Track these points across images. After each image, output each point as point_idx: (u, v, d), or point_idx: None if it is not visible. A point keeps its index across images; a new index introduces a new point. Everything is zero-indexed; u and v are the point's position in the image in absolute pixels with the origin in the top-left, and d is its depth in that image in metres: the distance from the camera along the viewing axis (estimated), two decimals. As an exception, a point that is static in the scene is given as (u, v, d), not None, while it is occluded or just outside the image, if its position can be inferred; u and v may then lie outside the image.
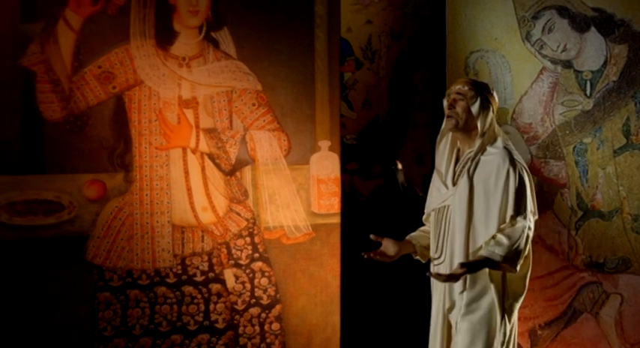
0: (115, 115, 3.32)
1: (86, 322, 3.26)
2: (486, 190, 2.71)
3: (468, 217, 2.72)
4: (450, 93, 2.84)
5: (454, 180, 2.81)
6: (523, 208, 2.69)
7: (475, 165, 2.75)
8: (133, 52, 3.33)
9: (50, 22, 3.22)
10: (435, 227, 2.85)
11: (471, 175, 2.75)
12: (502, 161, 2.71)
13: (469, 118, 2.77)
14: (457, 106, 2.78)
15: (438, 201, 2.85)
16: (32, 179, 3.19)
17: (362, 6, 4.45)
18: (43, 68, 3.20)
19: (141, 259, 3.34)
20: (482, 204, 2.71)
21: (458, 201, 2.75)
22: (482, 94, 2.81)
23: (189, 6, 3.39)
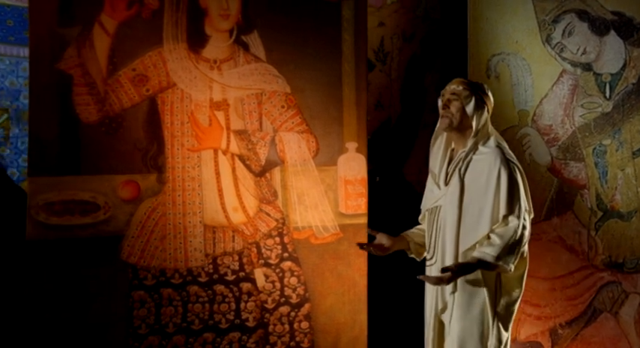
0: (148, 117, 3.51)
1: (121, 320, 3.45)
2: (478, 189, 2.76)
3: (459, 218, 2.77)
4: (444, 93, 2.90)
5: (446, 180, 2.88)
6: (516, 207, 2.72)
7: (467, 165, 2.81)
8: (165, 55, 3.53)
9: (86, 26, 3.41)
10: (428, 228, 2.92)
11: (462, 175, 2.81)
12: (493, 160, 2.76)
13: (464, 118, 2.83)
14: (451, 106, 2.85)
15: (431, 201, 2.92)
16: (69, 180, 3.38)
17: (374, 8, 4.65)
18: (79, 71, 3.40)
19: (174, 259, 3.54)
20: (474, 204, 2.76)
21: (449, 201, 2.81)
22: (477, 94, 2.87)
23: (220, 10, 3.59)
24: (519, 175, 2.79)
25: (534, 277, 4.05)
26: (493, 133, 2.90)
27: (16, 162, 4.70)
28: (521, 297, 2.91)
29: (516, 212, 2.72)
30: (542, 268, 4.09)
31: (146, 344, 3.46)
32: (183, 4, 3.52)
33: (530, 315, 4.13)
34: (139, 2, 3.46)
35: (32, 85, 3.34)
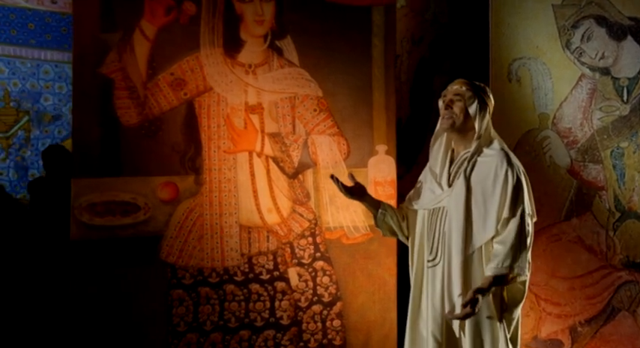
0: (186, 120, 3.74)
1: (161, 318, 3.66)
2: (484, 191, 2.81)
3: (466, 219, 2.82)
4: (446, 93, 2.96)
5: (449, 181, 2.92)
6: (519, 210, 2.80)
7: (472, 166, 2.86)
8: (202, 60, 3.76)
9: (127, 31, 3.63)
10: (429, 228, 2.95)
11: (467, 176, 2.85)
12: (500, 163, 2.83)
13: (466, 119, 2.90)
14: (454, 106, 2.90)
15: (433, 202, 2.95)
16: (110, 181, 3.60)
17: (384, 12, 4.89)
18: (120, 76, 3.62)
19: (211, 258, 3.76)
20: (480, 205, 2.82)
21: (454, 202, 2.86)
22: (480, 95, 2.94)
23: (255, 16, 3.83)
24: (524, 179, 2.87)
25: (555, 277, 4.31)
26: (495, 135, 2.98)
27: (36, 163, 4.92)
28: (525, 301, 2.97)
29: (518, 215, 2.80)
30: (562, 268, 4.34)
31: (185, 341, 3.68)
32: (219, 10, 3.74)
33: (550, 313, 4.38)
34: (177, 8, 3.68)
35: (75, 89, 3.55)
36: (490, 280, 2.76)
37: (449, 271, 2.85)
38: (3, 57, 5.04)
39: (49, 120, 4.99)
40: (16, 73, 4.95)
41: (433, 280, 2.92)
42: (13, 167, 4.77)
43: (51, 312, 3.69)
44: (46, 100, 5.01)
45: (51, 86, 5.12)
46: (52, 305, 3.71)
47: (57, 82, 5.17)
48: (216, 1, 3.72)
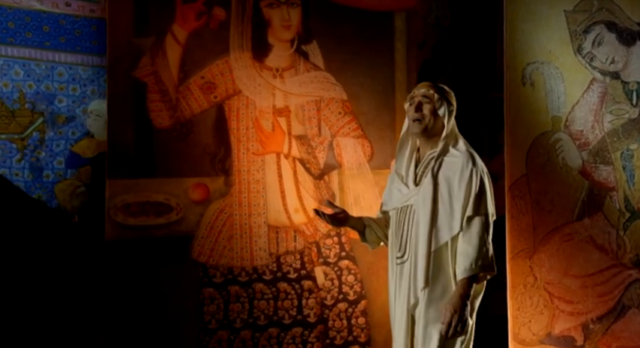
0: (216, 122, 3.94)
1: (193, 315, 3.86)
2: (450, 189, 2.94)
3: (432, 216, 2.93)
4: (414, 96, 3.07)
5: (416, 180, 3.04)
6: (482, 210, 2.92)
7: (439, 165, 2.98)
8: (232, 64, 3.96)
9: (160, 36, 3.82)
10: (398, 226, 3.06)
11: (435, 175, 2.97)
12: (466, 163, 2.95)
13: (435, 120, 3.02)
14: (424, 108, 3.02)
15: (400, 201, 3.07)
16: (144, 182, 3.78)
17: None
18: (153, 79, 3.81)
19: (240, 258, 3.97)
20: (446, 202, 2.93)
21: (422, 199, 2.97)
22: (446, 98, 3.07)
23: (282, 21, 4.04)
24: (487, 180, 2.98)
25: (567, 275, 4.54)
26: (460, 137, 3.08)
27: (51, 164, 5.06)
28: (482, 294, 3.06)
29: (480, 215, 2.91)
30: (574, 267, 4.56)
31: (216, 339, 3.88)
32: (248, 16, 3.95)
33: (563, 311, 4.61)
34: (208, 13, 3.89)
35: (110, 92, 3.74)
36: (467, 283, 2.88)
37: (415, 267, 2.97)
38: (19, 59, 5.16)
39: (63, 121, 5.09)
40: (31, 75, 5.05)
41: (401, 277, 3.05)
42: (28, 168, 4.88)
43: (87, 310, 3.86)
44: (60, 102, 5.11)
45: (65, 88, 5.23)
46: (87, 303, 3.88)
47: (71, 84, 5.29)
48: (245, 7, 3.92)
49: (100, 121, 4.81)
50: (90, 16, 4.81)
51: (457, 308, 2.86)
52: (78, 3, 5.01)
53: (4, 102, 5.05)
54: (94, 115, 4.70)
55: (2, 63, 5.06)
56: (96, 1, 4.79)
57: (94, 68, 4.82)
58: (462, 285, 2.88)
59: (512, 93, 4.35)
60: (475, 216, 2.92)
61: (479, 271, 2.88)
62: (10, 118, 5.01)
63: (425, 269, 2.93)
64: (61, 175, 4.36)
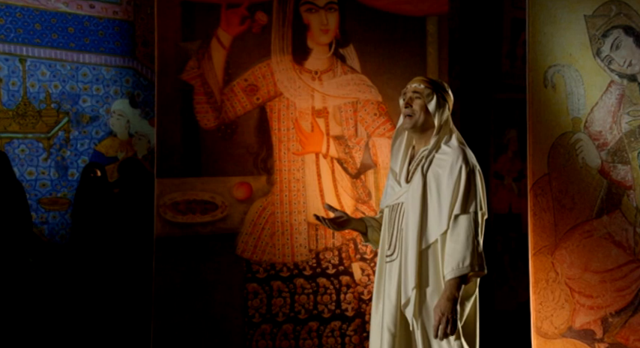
0: (258, 123, 4.22)
1: (238, 309, 4.16)
2: (439, 187, 2.94)
3: (421, 214, 2.95)
4: (406, 91, 3.09)
5: (408, 177, 3.06)
6: (471, 208, 2.91)
7: (429, 162, 2.99)
8: (273, 67, 4.25)
9: (205, 40, 4.09)
10: (389, 224, 3.09)
11: (424, 172, 2.98)
12: (456, 159, 2.94)
13: (426, 116, 3.02)
14: (414, 104, 3.03)
15: (392, 198, 3.10)
16: (191, 181, 4.06)
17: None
18: (199, 82, 4.09)
19: (282, 254, 4.26)
20: (435, 200, 2.94)
21: (411, 197, 2.99)
22: (439, 92, 3.06)
23: (320, 25, 4.33)
24: (478, 177, 2.97)
25: (587, 271, 4.85)
26: (454, 131, 3.08)
27: (75, 163, 5.32)
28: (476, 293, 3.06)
29: (469, 212, 2.91)
30: (593, 263, 4.87)
31: (259, 332, 4.17)
32: (288, 20, 4.24)
33: (583, 305, 4.92)
34: (251, 18, 4.18)
35: (159, 95, 4.01)
36: (456, 283, 2.85)
37: (405, 265, 2.97)
38: (45, 60, 5.42)
39: (87, 121, 5.35)
40: (56, 76, 5.29)
41: (390, 275, 3.05)
42: (53, 166, 5.11)
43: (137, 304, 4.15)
44: (84, 102, 5.37)
45: (89, 88, 5.49)
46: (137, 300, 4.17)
47: (94, 84, 5.55)
48: (285, 12, 4.21)
49: (122, 121, 5.10)
50: (113, 18, 5.11)
51: (445, 311, 2.84)
52: (101, 5, 5.30)
53: (31, 102, 5.30)
54: (116, 114, 5.00)
55: (29, 64, 5.32)
56: (118, 3, 5.09)
57: (117, 69, 5.11)
58: (449, 286, 2.87)
59: (534, 95, 4.62)
60: (462, 214, 2.91)
61: (467, 271, 2.85)
62: (37, 118, 5.26)
63: (415, 268, 2.94)
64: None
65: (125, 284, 4.20)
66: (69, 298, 4.25)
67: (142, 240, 4.16)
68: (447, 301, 2.84)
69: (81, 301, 4.16)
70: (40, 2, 5.23)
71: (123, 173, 4.66)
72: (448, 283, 2.87)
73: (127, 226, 4.35)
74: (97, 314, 4.13)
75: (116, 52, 5.09)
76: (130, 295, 4.21)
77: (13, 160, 4.64)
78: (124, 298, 4.20)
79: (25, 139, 5.15)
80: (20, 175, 4.80)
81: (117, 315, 4.16)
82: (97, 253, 4.23)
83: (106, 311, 4.13)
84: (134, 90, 5.06)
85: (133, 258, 4.20)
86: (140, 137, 5.07)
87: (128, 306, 4.19)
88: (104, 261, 4.20)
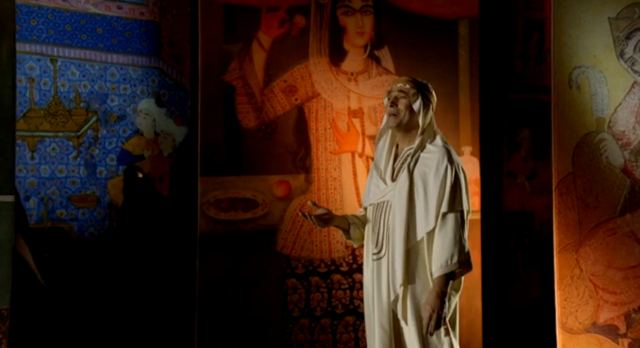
0: (297, 123, 4.47)
1: (277, 304, 4.42)
2: (425, 185, 3.12)
3: (408, 212, 3.11)
4: (391, 90, 3.26)
5: (393, 176, 3.22)
6: (457, 206, 3.09)
7: (415, 161, 3.17)
8: (311, 68, 4.50)
9: (247, 43, 4.32)
10: (374, 222, 3.25)
11: (411, 171, 3.15)
12: (441, 158, 3.13)
13: (411, 115, 3.21)
14: (399, 103, 3.20)
15: (377, 196, 3.26)
16: (233, 180, 4.28)
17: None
18: (241, 83, 4.34)
19: (320, 250, 4.51)
20: (422, 199, 3.11)
21: (398, 196, 3.14)
22: (423, 92, 3.27)
23: (356, 28, 4.58)
24: (462, 176, 3.16)
25: (611, 268, 5.09)
26: (438, 131, 3.28)
27: (104, 161, 5.54)
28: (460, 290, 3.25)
29: (456, 210, 3.09)
30: (617, 260, 5.10)
31: (298, 326, 4.42)
32: (325, 23, 4.50)
33: (607, 301, 5.15)
34: (290, 21, 4.43)
35: (203, 96, 4.25)
36: (444, 280, 3.04)
37: (392, 263, 3.14)
38: (75, 60, 5.64)
39: (115, 120, 5.57)
40: (85, 76, 5.49)
41: (379, 273, 3.22)
42: (83, 164, 5.31)
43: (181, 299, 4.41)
44: (112, 101, 5.58)
45: (116, 88, 5.70)
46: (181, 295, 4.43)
47: (122, 84, 5.77)
48: (323, 15, 4.47)
49: (148, 120, 5.34)
50: (140, 19, 5.34)
51: (435, 307, 3.02)
52: (129, 6, 5.53)
53: (61, 101, 5.53)
54: (143, 113, 5.24)
55: (60, 64, 5.54)
56: (145, 4, 5.34)
57: (143, 69, 5.34)
58: (437, 283, 3.05)
59: (559, 96, 4.82)
60: (449, 212, 3.08)
61: (454, 268, 3.04)
62: (67, 117, 5.48)
63: (403, 266, 3.10)
64: (113, 172, 4.91)
65: (169, 280, 4.45)
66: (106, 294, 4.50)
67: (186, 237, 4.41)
68: (437, 298, 3.04)
69: (122, 297, 4.41)
70: (70, 4, 5.43)
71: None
72: (437, 280, 3.07)
73: (173, 225, 4.60)
74: (140, 309, 4.38)
75: (142, 53, 5.27)
76: (174, 290, 4.46)
77: (45, 158, 4.84)
78: (168, 293, 4.46)
79: (56, 138, 5.32)
80: (51, 173, 4.99)
81: (161, 309, 4.42)
82: (143, 251, 4.49)
83: (150, 306, 4.39)
84: (160, 89, 5.24)
85: (177, 255, 4.46)
86: (165, 136, 5.24)
87: (172, 301, 4.44)
88: (149, 258, 4.46)
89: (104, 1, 5.22)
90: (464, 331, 4.51)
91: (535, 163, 5.75)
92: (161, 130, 5.19)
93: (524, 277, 5.46)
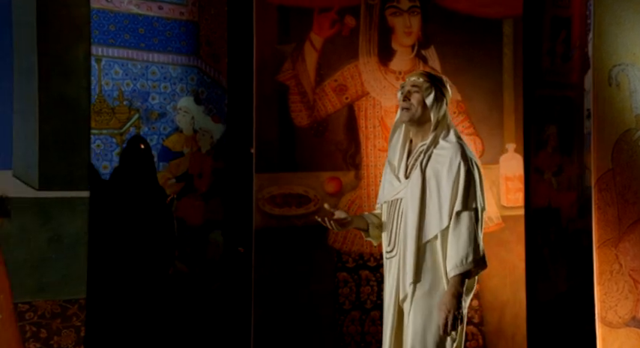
0: (347, 121, 4.76)
1: (329, 297, 4.75)
2: (438, 183, 3.13)
3: (420, 210, 3.14)
4: (404, 85, 3.28)
5: (407, 173, 3.25)
6: (472, 204, 3.12)
7: (428, 158, 3.19)
8: (361, 68, 4.81)
9: (299, 43, 4.59)
10: (388, 220, 3.29)
11: (423, 168, 3.18)
12: (454, 155, 3.15)
13: (424, 110, 3.22)
14: (412, 97, 3.22)
15: (391, 194, 3.29)
16: (287, 176, 4.56)
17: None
18: (294, 82, 4.63)
19: (369, 244, 4.67)
20: (434, 196, 3.13)
21: (410, 194, 3.17)
22: (437, 86, 3.25)
23: (404, 28, 4.89)
24: (477, 173, 3.17)
25: (650, 265, 5.47)
26: (452, 126, 3.28)
27: (144, 158, 5.87)
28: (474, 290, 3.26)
29: (470, 208, 3.11)
30: (655, 255, 5.49)
31: (349, 318, 4.71)
32: (374, 24, 4.81)
33: (646, 297, 5.53)
34: (340, 22, 4.76)
35: (257, 95, 4.54)
36: (460, 280, 3.08)
37: (404, 261, 3.19)
38: (118, 59, 5.98)
39: (156, 117, 5.90)
40: (128, 74, 5.81)
41: (390, 271, 3.30)
42: (125, 161, 5.64)
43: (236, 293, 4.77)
44: (153, 99, 5.90)
45: (157, 86, 6.02)
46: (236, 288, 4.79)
47: (162, 83, 6.09)
48: (372, 15, 4.78)
49: (187, 117, 5.68)
50: (179, 19, 5.66)
51: (451, 307, 3.06)
52: (169, 6, 5.85)
53: (105, 99, 5.88)
54: (182, 111, 5.57)
55: (104, 63, 5.87)
56: (184, 4, 5.68)
57: (183, 67, 5.67)
58: (453, 283, 3.08)
59: (599, 93, 5.05)
60: (464, 210, 3.10)
61: (470, 268, 3.07)
62: (111, 115, 5.82)
63: (414, 263, 3.14)
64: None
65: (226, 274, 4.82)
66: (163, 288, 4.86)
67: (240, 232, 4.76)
68: (452, 298, 3.08)
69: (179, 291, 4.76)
70: (114, 4, 5.75)
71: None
72: (452, 280, 3.10)
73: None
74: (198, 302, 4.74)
75: (182, 52, 5.55)
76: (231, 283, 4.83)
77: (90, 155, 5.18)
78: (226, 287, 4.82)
79: (101, 135, 5.59)
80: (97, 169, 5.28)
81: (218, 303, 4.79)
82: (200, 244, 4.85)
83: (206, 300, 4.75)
84: (198, 87, 5.52)
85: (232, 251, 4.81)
86: (204, 133, 5.53)
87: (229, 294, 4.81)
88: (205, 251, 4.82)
89: (146, 1, 5.51)
90: (508, 324, 4.86)
91: (562, 159, 6.00)
92: (199, 127, 5.49)
93: (551, 273, 5.69)
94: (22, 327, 3.75)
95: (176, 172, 5.38)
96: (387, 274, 3.30)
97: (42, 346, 3.79)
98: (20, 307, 3.75)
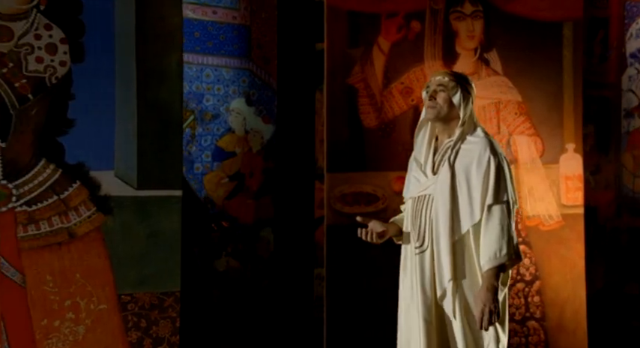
0: (412, 123, 5.09)
1: (395, 291, 5.15)
2: (468, 177, 3.28)
3: (451, 205, 3.28)
4: (429, 84, 3.45)
5: (434, 169, 3.42)
6: (502, 197, 3.26)
7: (456, 153, 3.35)
8: (426, 71, 5.18)
9: (368, 47, 4.98)
10: (415, 216, 3.44)
11: (452, 163, 3.33)
12: (483, 150, 3.31)
13: (450, 108, 3.41)
14: (438, 97, 3.41)
15: (418, 190, 3.44)
16: (357, 175, 4.95)
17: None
18: (362, 85, 5.05)
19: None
20: (464, 191, 3.28)
21: (440, 189, 3.33)
22: (463, 84, 3.44)
23: (467, 32, 5.35)
24: (506, 167, 3.32)
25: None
26: (479, 123, 3.45)
27: (200, 158, 6.29)
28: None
29: (502, 202, 3.26)
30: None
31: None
32: (439, 28, 5.27)
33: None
34: (406, 26, 5.25)
35: (328, 97, 5.01)
36: (495, 273, 3.23)
37: (438, 257, 3.33)
38: (176, 63, 6.46)
39: (210, 118, 6.38)
40: (185, 77, 6.34)
41: (422, 267, 3.42)
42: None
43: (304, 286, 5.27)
44: (207, 101, 6.39)
45: (211, 88, 6.51)
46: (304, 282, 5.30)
47: (216, 85, 6.55)
48: (437, 20, 5.24)
49: (239, 118, 6.16)
50: (232, 23, 6.11)
51: (486, 301, 3.21)
52: (222, 11, 6.32)
53: (164, 101, 6.35)
54: (234, 112, 6.04)
55: (163, 67, 6.34)
56: (237, 9, 6.18)
57: (235, 70, 6.12)
58: (488, 276, 3.24)
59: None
60: (495, 204, 3.26)
61: (504, 261, 3.22)
62: (169, 117, 6.30)
63: (450, 260, 3.30)
64: (208, 168, 5.62)
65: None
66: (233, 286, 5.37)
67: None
68: (487, 292, 3.23)
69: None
70: (172, 10, 6.23)
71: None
72: (487, 274, 3.24)
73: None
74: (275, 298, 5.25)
75: (234, 55, 5.95)
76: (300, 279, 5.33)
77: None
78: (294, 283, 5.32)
79: (159, 136, 6.13)
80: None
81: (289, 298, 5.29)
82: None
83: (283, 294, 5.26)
84: (250, 89, 5.96)
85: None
86: (255, 133, 5.97)
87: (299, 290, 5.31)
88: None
89: (201, 6, 5.92)
90: (569, 320, 5.33)
91: (599, 159, 6.41)
92: (251, 128, 5.94)
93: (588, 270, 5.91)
94: (125, 317, 4.19)
95: (229, 171, 5.82)
96: (415, 270, 3.45)
97: (142, 335, 4.25)
98: (123, 298, 4.20)
